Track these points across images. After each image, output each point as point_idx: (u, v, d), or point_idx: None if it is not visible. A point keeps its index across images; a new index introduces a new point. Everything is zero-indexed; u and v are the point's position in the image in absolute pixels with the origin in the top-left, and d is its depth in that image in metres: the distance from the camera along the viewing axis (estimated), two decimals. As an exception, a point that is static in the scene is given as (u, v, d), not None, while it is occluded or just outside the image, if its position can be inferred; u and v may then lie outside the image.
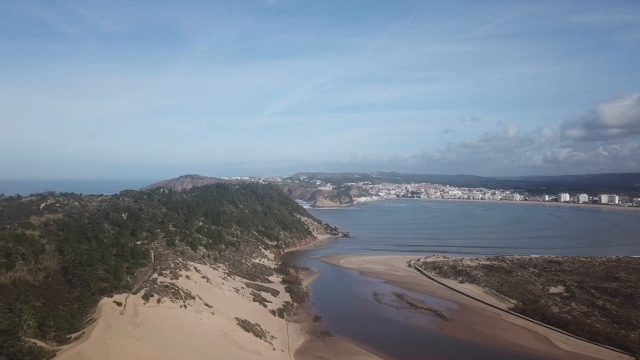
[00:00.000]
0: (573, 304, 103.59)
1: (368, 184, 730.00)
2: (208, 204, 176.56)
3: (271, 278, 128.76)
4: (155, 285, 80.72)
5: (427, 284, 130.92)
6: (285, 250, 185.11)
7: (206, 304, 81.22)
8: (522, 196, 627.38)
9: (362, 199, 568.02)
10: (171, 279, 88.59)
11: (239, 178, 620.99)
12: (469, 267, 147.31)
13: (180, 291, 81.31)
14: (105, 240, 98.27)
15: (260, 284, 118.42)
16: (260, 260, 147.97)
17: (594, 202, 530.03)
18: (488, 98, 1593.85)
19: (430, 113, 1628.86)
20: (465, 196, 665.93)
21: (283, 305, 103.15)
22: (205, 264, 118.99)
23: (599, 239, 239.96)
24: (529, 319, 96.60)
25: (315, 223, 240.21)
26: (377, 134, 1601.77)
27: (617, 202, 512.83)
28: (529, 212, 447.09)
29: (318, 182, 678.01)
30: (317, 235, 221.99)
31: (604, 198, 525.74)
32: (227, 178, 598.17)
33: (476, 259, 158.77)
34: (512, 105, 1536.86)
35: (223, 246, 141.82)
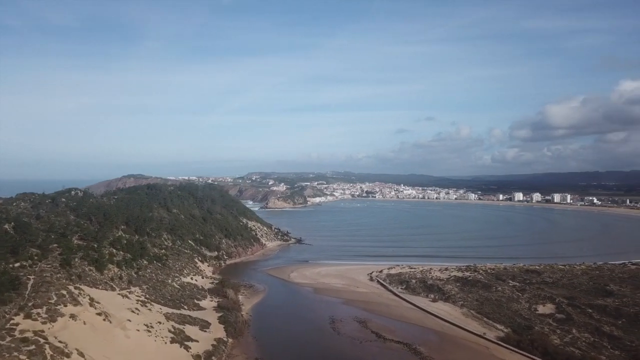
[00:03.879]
0: (574, 330, 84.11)
1: (323, 183, 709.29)
2: (133, 209, 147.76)
3: (203, 303, 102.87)
4: (8, 339, 53.77)
5: (394, 305, 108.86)
6: (228, 262, 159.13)
7: (88, 363, 55.11)
8: (476, 195, 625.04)
9: (317, 200, 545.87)
10: (43, 323, 61.64)
11: (186, 178, 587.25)
12: (440, 280, 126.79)
13: (47, 347, 54.68)
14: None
15: (187, 313, 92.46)
16: (192, 278, 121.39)
17: (547, 201, 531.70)
18: (442, 99, 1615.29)
19: (385, 113, 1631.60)
20: (420, 196, 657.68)
21: (213, 345, 77.97)
22: (114, 289, 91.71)
23: (569, 241, 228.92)
24: (528, 354, 76.06)
25: (265, 228, 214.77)
26: (332, 134, 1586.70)
27: (569, 200, 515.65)
28: (487, 212, 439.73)
29: (271, 182, 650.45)
30: (266, 243, 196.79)
31: (557, 197, 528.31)
32: (174, 178, 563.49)
33: (446, 270, 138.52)
34: (465, 106, 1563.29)
35: (145, 262, 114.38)
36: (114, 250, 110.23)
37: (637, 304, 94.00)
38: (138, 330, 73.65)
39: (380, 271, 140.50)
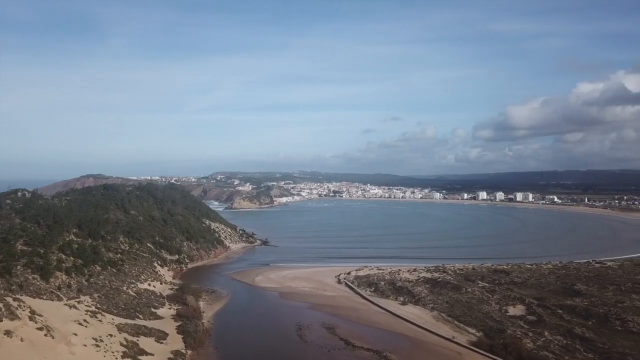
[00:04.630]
0: (546, 333, 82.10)
1: (290, 183, 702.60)
2: (86, 211, 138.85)
3: (161, 311, 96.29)
4: None
5: (363, 308, 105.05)
6: (189, 266, 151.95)
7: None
8: (441, 194, 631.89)
9: (284, 199, 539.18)
10: (-29, 342, 54.45)
11: (149, 178, 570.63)
12: (409, 281, 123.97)
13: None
14: None
15: (142, 323, 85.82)
16: (150, 284, 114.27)
17: (510, 199, 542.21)
18: (408, 99, 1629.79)
19: (353, 113, 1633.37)
20: (386, 195, 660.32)
21: (170, 358, 72.11)
22: (61, 299, 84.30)
23: (535, 240, 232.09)
24: (501, 360, 73.52)
25: (229, 230, 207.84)
26: (300, 133, 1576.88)
27: (530, 199, 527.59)
28: (453, 211, 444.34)
29: (236, 182, 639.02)
30: (231, 245, 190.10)
31: (519, 196, 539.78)
32: (135, 178, 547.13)
33: (415, 270, 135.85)
34: (431, 107, 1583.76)
35: (98, 268, 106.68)
36: (63, 256, 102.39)
37: (605, 304, 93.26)
38: (85, 346, 66.88)
39: (349, 273, 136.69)
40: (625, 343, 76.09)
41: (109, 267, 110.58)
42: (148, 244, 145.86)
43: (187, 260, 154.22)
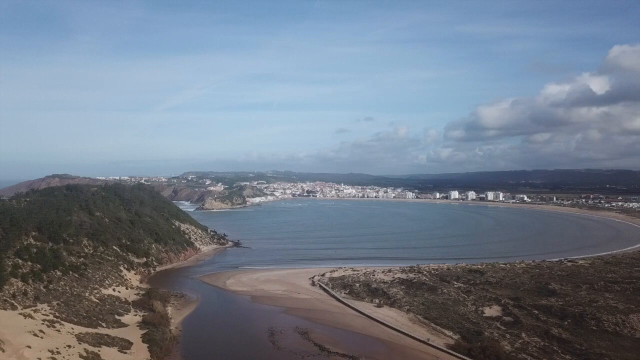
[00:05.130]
0: (524, 334, 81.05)
1: (263, 183, 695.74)
2: (48, 213, 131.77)
3: (125, 318, 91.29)
4: None
5: (338, 311, 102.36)
6: (158, 269, 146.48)
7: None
8: (414, 194, 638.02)
9: (257, 200, 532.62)
10: None
11: (117, 178, 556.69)
12: (384, 282, 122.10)
13: None
14: None
15: (105, 332, 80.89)
16: (115, 289, 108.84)
17: (481, 199, 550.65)
18: (381, 100, 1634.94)
19: (326, 113, 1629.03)
20: (360, 195, 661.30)
21: (133, 369, 67.61)
22: (15, 307, 78.69)
23: (508, 238, 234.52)
24: (479, 363, 71.82)
25: (200, 231, 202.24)
26: (274, 132, 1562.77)
27: (501, 198, 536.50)
28: (425, 210, 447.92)
29: (208, 182, 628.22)
30: (201, 247, 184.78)
31: (490, 195, 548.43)
32: (104, 178, 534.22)
33: (389, 271, 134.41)
34: (404, 107, 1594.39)
35: (58, 273, 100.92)
36: (20, 261, 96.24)
37: (580, 304, 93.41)
38: (39, 359, 61.97)
39: (323, 275, 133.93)
40: (601, 343, 75.73)
41: (70, 272, 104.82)
42: (114, 247, 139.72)
43: (155, 263, 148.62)
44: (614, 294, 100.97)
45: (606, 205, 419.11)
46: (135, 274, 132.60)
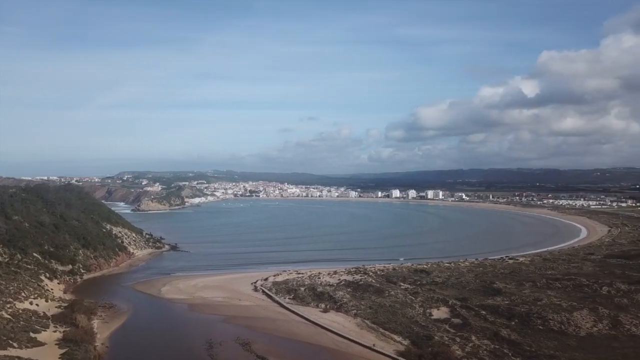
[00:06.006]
0: (473, 337, 78.79)
1: (203, 183, 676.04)
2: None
3: (42, 336, 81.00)
4: None
5: (282, 319, 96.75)
6: (85, 277, 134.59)
7: None
8: (356, 193, 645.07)
9: (196, 200, 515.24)
10: None
11: (45, 178, 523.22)
12: (330, 285, 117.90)
13: None
14: None
15: (16, 353, 70.85)
16: (32, 302, 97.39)
17: (422, 197, 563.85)
18: (324, 99, 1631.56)
19: (270, 112, 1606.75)
20: (304, 194, 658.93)
21: (47, 397, 58.81)
22: None
23: (451, 236, 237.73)
24: (431, 370, 68.78)
25: (134, 234, 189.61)
26: (215, 131, 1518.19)
27: (440, 197, 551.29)
28: (369, 209, 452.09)
29: (145, 182, 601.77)
30: (135, 251, 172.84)
31: (430, 193, 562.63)
32: (30, 178, 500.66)
33: (335, 273, 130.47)
34: (347, 107, 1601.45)
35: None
36: None
37: (525, 302, 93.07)
38: None
39: (266, 279, 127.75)
40: (549, 343, 74.85)
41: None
42: (34, 254, 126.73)
43: (82, 271, 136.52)
44: (556, 291, 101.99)
45: (538, 202, 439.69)
46: (58, 284, 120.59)
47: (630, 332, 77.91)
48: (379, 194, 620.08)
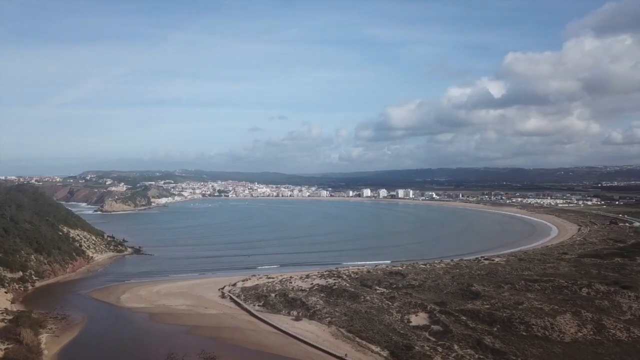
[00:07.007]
0: (456, 346, 74.25)
1: (170, 182, 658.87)
2: None
3: (-20, 355, 72.20)
4: None
5: (250, 329, 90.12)
6: (38, 285, 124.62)
7: None
8: (327, 192, 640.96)
9: (163, 200, 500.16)
10: None
11: (3, 178, 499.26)
12: (302, 290, 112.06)
13: None
14: None
15: (-55, 377, 62.16)
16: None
17: (392, 196, 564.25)
18: (294, 99, 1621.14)
19: (239, 111, 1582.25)
20: (274, 194, 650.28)
21: None
22: None
23: (425, 236, 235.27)
24: (412, 384, 63.74)
25: (94, 237, 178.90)
26: (182, 130, 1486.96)
27: (411, 195, 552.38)
28: (341, 208, 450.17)
29: (109, 182, 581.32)
30: (95, 255, 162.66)
31: (400, 192, 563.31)
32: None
33: (307, 277, 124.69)
34: (317, 107, 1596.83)
35: None
36: None
37: (506, 307, 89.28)
38: None
39: (234, 285, 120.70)
40: (534, 351, 71.08)
41: None
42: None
43: (34, 278, 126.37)
44: (536, 293, 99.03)
45: (507, 201, 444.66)
46: (6, 292, 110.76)
47: (616, 337, 74.98)
48: (350, 193, 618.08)
